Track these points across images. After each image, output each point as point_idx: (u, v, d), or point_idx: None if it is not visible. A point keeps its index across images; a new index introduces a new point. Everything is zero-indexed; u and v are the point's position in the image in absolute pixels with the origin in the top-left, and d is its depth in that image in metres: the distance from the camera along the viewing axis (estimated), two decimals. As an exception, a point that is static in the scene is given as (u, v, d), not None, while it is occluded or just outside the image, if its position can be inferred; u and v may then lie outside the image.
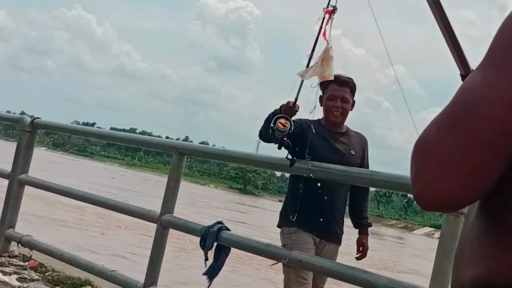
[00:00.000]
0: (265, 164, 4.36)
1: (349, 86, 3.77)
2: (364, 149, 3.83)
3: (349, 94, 3.76)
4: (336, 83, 3.71)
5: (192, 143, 17.58)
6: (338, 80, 3.72)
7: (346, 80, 3.77)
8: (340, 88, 3.73)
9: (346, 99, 3.74)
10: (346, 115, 3.78)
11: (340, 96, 3.72)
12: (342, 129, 3.80)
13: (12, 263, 5.20)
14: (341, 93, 3.73)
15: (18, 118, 5.81)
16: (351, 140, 3.78)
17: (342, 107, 3.73)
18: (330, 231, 3.71)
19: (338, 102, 3.72)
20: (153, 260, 4.25)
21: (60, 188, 5.63)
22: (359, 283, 3.20)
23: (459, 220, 2.80)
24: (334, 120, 3.73)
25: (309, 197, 3.58)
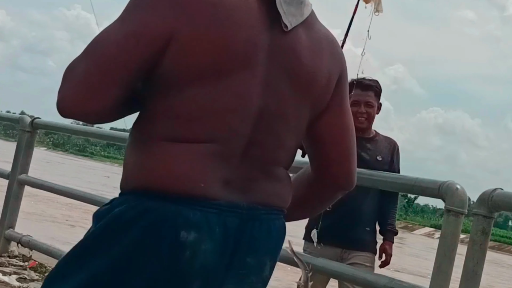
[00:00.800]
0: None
1: (373, 90, 3.65)
2: (392, 154, 3.70)
3: (374, 98, 3.64)
4: (359, 87, 3.59)
5: (192, 143, 17.46)
6: (361, 84, 3.60)
7: (370, 84, 3.65)
8: (363, 92, 3.62)
9: (371, 103, 3.63)
10: (372, 120, 3.67)
11: (363, 101, 3.61)
12: (369, 134, 3.69)
13: (12, 263, 5.20)
14: (365, 97, 3.62)
15: (18, 118, 5.81)
16: (378, 145, 3.66)
17: (367, 112, 3.62)
18: (354, 240, 3.58)
19: (362, 108, 3.60)
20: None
21: (59, 188, 5.63)
22: (359, 283, 3.20)
23: (459, 220, 2.80)
24: (359, 126, 3.58)
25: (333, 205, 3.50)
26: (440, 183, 2.90)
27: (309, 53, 1.43)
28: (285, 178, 1.50)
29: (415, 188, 3.05)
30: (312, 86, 1.44)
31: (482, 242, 2.65)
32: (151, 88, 1.33)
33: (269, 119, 1.39)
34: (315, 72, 1.44)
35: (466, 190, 2.87)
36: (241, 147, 1.36)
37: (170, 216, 1.28)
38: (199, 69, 1.29)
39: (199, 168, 1.30)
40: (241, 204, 1.36)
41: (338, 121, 1.55)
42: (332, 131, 1.54)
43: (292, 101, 1.42)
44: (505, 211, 2.81)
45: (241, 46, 1.32)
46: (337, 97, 1.53)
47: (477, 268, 2.65)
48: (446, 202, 2.82)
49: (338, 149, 1.56)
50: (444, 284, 2.78)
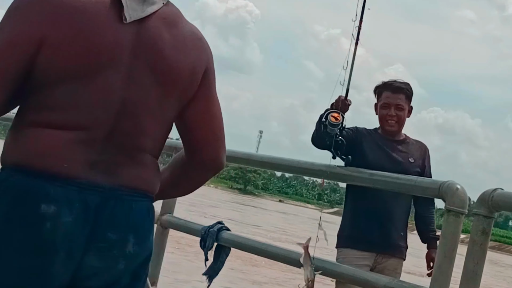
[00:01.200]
0: (266, 164, 4.36)
1: (404, 92, 3.56)
2: (424, 157, 3.62)
3: (404, 100, 3.56)
4: (389, 90, 3.54)
5: (192, 143, 17.51)
6: (391, 86, 3.55)
7: (400, 86, 3.57)
8: (393, 95, 3.54)
9: (401, 106, 3.54)
10: (402, 123, 3.59)
11: (394, 104, 3.53)
12: (400, 137, 3.62)
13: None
14: (395, 100, 3.53)
15: (18, 118, 5.80)
16: (410, 148, 3.59)
17: (397, 115, 3.53)
18: (389, 245, 3.50)
19: (392, 110, 3.53)
20: (153, 260, 4.24)
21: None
22: (360, 283, 3.20)
23: (460, 220, 2.80)
24: (389, 129, 3.55)
25: (365, 209, 3.44)
26: (440, 183, 2.90)
27: (171, 49, 1.61)
28: (150, 164, 1.66)
29: (415, 188, 3.05)
30: (175, 79, 1.62)
31: (482, 242, 2.65)
32: (30, 84, 1.54)
33: (132, 109, 1.58)
34: (178, 66, 1.61)
35: (466, 190, 2.87)
36: (104, 134, 1.55)
37: (33, 190, 1.49)
38: (67, 69, 1.50)
39: (64, 150, 1.51)
40: (103, 185, 1.54)
41: (205, 109, 1.73)
42: (200, 118, 1.73)
43: (156, 93, 1.60)
44: (505, 211, 2.81)
45: (105, 46, 1.52)
46: (204, 88, 1.70)
47: (477, 268, 2.65)
48: (446, 202, 2.82)
49: (206, 134, 1.74)
50: (444, 284, 2.78)
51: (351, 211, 3.52)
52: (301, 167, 3.80)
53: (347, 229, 3.49)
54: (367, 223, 3.42)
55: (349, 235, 3.46)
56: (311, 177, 55.13)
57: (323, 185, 3.26)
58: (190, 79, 1.64)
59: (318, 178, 3.57)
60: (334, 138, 3.21)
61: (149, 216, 1.67)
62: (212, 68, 1.73)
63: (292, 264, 3.61)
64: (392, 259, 3.49)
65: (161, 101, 1.61)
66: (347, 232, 3.47)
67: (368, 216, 3.43)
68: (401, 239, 3.52)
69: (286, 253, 3.62)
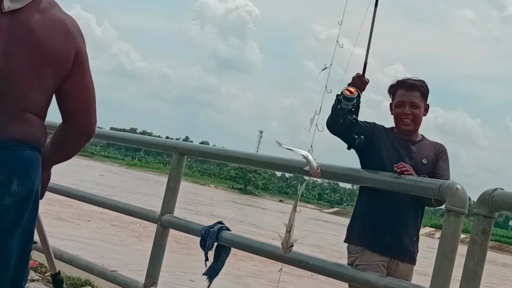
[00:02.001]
0: (266, 164, 4.36)
1: (419, 90, 3.44)
2: (438, 158, 3.46)
3: (419, 98, 3.44)
4: (403, 87, 3.44)
5: (192, 143, 17.59)
6: (405, 84, 3.45)
7: (414, 83, 3.45)
8: (408, 92, 3.43)
9: (416, 104, 3.42)
10: (418, 122, 3.46)
11: (408, 102, 3.42)
12: (416, 137, 3.50)
13: (12, 263, 5.19)
14: (410, 98, 3.42)
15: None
16: (424, 148, 3.45)
17: (412, 113, 3.42)
18: (402, 249, 3.39)
19: (407, 108, 3.41)
20: (153, 260, 4.25)
21: (60, 189, 5.63)
22: (360, 283, 3.20)
23: (460, 220, 2.80)
24: (405, 128, 3.44)
25: (378, 211, 3.36)
26: (441, 183, 2.90)
27: (41, 29, 2.01)
28: (34, 122, 2.06)
29: (415, 188, 3.05)
30: (46, 53, 2.01)
31: (482, 242, 2.65)
32: None
33: (11, 77, 1.97)
34: (47, 42, 2.01)
35: (466, 190, 2.87)
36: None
37: None
38: None
39: None
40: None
41: (79, 84, 2.14)
42: (74, 91, 2.13)
43: (31, 64, 2.00)
44: (506, 211, 2.81)
45: None
46: (77, 67, 2.10)
47: (477, 268, 2.65)
48: (447, 202, 2.82)
49: (78, 104, 2.15)
50: (444, 284, 2.78)
51: (365, 211, 3.39)
52: (301, 167, 3.80)
53: (359, 229, 3.41)
54: (381, 226, 3.35)
55: (363, 235, 3.38)
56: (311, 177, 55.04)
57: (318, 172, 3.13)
58: (60, 56, 2.04)
59: (318, 179, 3.52)
60: (347, 115, 3.16)
61: (33, 162, 2.04)
62: (84, 51, 2.14)
63: (293, 264, 3.61)
64: (403, 265, 3.41)
65: (37, 72, 2.01)
66: (360, 232, 3.40)
67: (382, 220, 3.35)
68: (413, 244, 3.45)
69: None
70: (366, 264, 3.29)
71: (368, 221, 3.37)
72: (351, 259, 3.39)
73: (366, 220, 3.38)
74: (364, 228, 3.39)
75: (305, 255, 3.51)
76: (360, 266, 3.29)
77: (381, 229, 3.35)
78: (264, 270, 12.18)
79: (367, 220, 3.38)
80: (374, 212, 3.36)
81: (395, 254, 3.37)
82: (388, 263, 3.36)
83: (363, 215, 3.41)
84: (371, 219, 3.37)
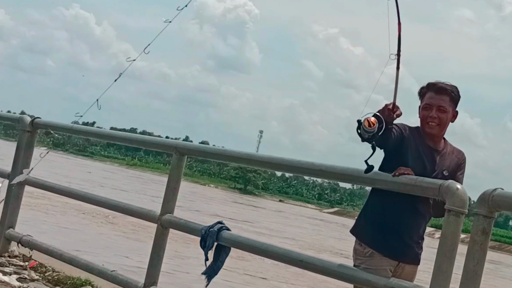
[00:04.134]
0: (266, 164, 4.36)
1: (449, 94, 3.32)
2: (458, 168, 3.38)
3: (448, 103, 3.31)
4: (433, 90, 3.32)
5: (192, 143, 17.59)
6: (435, 86, 3.33)
7: (444, 87, 3.33)
8: (437, 96, 3.31)
9: (443, 108, 3.29)
10: (444, 127, 3.35)
11: (436, 105, 3.30)
12: (440, 145, 3.38)
13: (12, 263, 5.19)
14: (438, 101, 3.30)
15: (18, 118, 5.80)
16: (446, 159, 3.35)
17: (438, 117, 3.30)
18: (410, 254, 3.37)
19: (433, 112, 3.29)
20: (153, 260, 4.25)
21: (60, 188, 5.63)
22: (360, 283, 3.20)
23: (460, 220, 2.80)
24: (430, 131, 3.33)
25: (393, 219, 3.31)
26: (441, 183, 2.90)
27: None
28: None
29: (415, 188, 3.05)
30: None
31: (482, 242, 2.65)
32: None
33: None
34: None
35: (466, 190, 2.87)
36: None
37: None
38: None
39: None
40: None
41: None
42: None
43: None
44: (506, 211, 2.81)
45: None
46: None
47: (477, 268, 2.65)
48: (447, 202, 2.82)
49: None
50: (444, 284, 2.78)
51: (378, 215, 3.32)
52: (301, 167, 3.81)
53: (371, 231, 3.37)
54: (394, 233, 3.32)
55: (375, 238, 3.35)
56: (311, 177, 55.03)
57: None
58: None
59: (318, 178, 3.51)
60: (367, 140, 3.08)
61: None
62: None
63: (293, 264, 3.61)
64: (409, 266, 3.39)
65: None
66: (372, 234, 3.36)
67: (396, 227, 3.32)
68: (421, 248, 3.43)
69: (287, 253, 3.62)
70: (374, 269, 3.26)
71: (381, 226, 3.32)
72: (358, 261, 3.35)
73: (379, 225, 3.33)
74: (376, 232, 3.34)
75: (305, 255, 3.51)
76: (368, 270, 3.26)
77: (394, 236, 3.31)
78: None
79: (380, 225, 3.33)
80: (388, 218, 3.32)
81: (404, 258, 3.35)
82: (396, 267, 3.34)
83: (376, 218, 3.36)
84: (384, 225, 3.32)
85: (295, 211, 61.22)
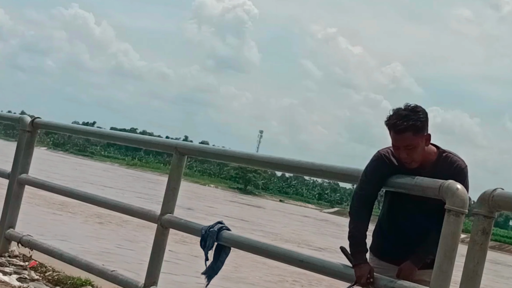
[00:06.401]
0: (266, 164, 4.36)
1: (411, 130, 3.09)
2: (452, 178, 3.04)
3: (413, 137, 3.09)
4: (393, 131, 3.13)
5: (192, 143, 17.60)
6: (394, 127, 3.12)
7: (402, 128, 3.09)
8: (398, 136, 3.11)
9: (410, 146, 3.10)
10: (419, 158, 3.14)
11: (402, 145, 3.12)
12: (425, 166, 3.17)
13: (12, 263, 5.19)
14: (402, 142, 3.10)
15: (18, 118, 5.80)
16: (436, 172, 3.11)
17: (409, 156, 3.12)
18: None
19: (402, 152, 3.13)
20: (153, 260, 4.25)
21: (61, 188, 5.63)
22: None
23: (460, 220, 2.80)
24: (410, 168, 3.15)
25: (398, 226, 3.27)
26: (441, 183, 2.90)
27: None
28: None
29: (415, 188, 3.05)
30: None
31: (482, 242, 2.65)
32: None
33: None
34: None
35: (466, 190, 2.87)
36: None
37: None
38: None
39: None
40: None
41: None
42: None
43: None
44: (506, 211, 2.81)
45: None
46: None
47: (477, 268, 2.65)
48: (447, 202, 2.82)
49: None
50: (444, 284, 2.78)
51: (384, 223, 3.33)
52: (301, 167, 3.81)
53: (376, 239, 3.34)
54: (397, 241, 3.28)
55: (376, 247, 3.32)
56: (311, 177, 54.98)
57: None
58: None
59: (318, 178, 3.50)
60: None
61: None
62: None
63: (293, 264, 3.61)
64: (422, 271, 3.20)
65: None
66: (375, 242, 3.33)
67: (400, 234, 3.27)
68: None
69: (287, 253, 3.62)
70: (381, 268, 3.22)
71: (385, 233, 3.32)
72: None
73: (384, 231, 3.32)
74: (380, 239, 3.32)
75: (305, 255, 3.51)
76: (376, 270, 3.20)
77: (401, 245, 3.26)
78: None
79: (385, 231, 3.32)
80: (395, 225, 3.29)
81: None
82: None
83: (383, 228, 3.34)
84: (389, 232, 3.30)
85: (292, 210, 61.26)
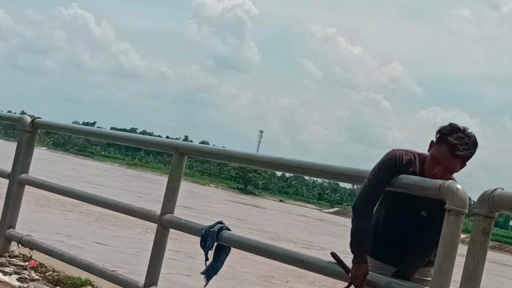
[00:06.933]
0: (266, 164, 4.36)
1: (462, 158, 3.09)
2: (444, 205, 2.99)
3: (459, 165, 3.11)
4: (448, 149, 3.07)
5: (192, 143, 17.61)
6: (452, 148, 3.07)
7: (460, 154, 3.07)
8: (450, 157, 3.08)
9: (451, 169, 3.10)
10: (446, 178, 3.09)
11: (444, 165, 3.08)
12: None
13: (13, 263, 5.19)
14: (448, 162, 3.08)
15: (18, 118, 5.80)
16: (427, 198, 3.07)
17: (442, 174, 3.07)
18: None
19: (439, 170, 3.09)
20: (153, 260, 4.25)
21: (61, 188, 5.63)
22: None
23: (460, 220, 2.80)
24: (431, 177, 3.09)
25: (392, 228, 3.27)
26: (441, 183, 2.90)
27: None
28: None
29: (415, 188, 3.05)
30: None
31: (482, 242, 2.65)
32: None
33: None
34: None
35: (466, 190, 2.87)
36: None
37: None
38: None
39: None
40: None
41: None
42: None
43: None
44: (506, 211, 2.81)
45: None
46: None
47: (477, 268, 2.65)
48: (447, 202, 2.82)
49: None
50: (444, 284, 2.78)
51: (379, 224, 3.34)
52: (301, 167, 3.81)
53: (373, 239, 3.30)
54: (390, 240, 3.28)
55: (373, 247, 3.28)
56: (311, 177, 55.07)
57: None
58: None
59: (318, 178, 3.50)
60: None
61: None
62: None
63: (293, 264, 3.61)
64: (421, 269, 3.24)
65: None
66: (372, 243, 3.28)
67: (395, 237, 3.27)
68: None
69: (287, 253, 3.62)
70: (374, 266, 3.22)
71: (381, 234, 3.30)
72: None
73: (380, 232, 3.30)
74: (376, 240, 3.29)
75: (305, 255, 3.51)
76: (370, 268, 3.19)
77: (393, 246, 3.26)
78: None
79: (381, 232, 3.30)
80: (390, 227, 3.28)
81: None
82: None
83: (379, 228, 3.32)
84: (384, 232, 3.29)
85: (292, 210, 61.23)
